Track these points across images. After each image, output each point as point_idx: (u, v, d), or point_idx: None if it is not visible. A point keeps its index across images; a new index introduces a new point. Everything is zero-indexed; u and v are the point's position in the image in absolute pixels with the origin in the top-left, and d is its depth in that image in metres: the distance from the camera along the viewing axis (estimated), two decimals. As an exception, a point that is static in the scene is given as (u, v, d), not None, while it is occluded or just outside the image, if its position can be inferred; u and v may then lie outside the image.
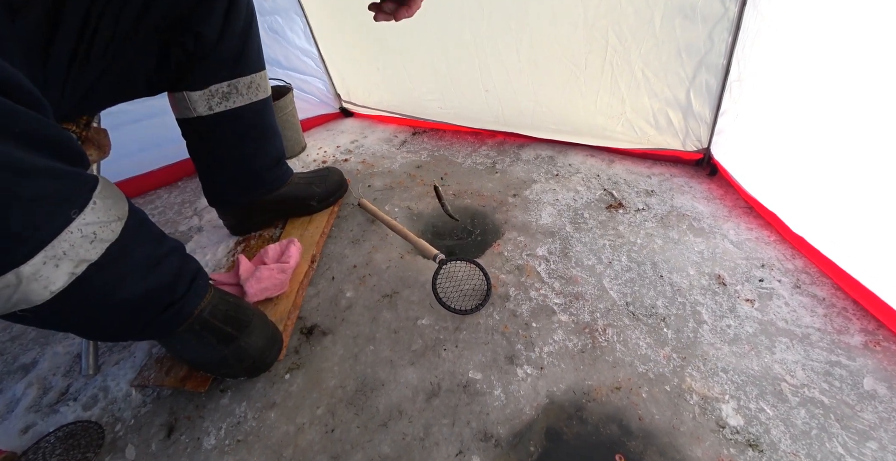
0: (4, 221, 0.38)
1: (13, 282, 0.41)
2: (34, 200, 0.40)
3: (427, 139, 1.33)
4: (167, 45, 0.66)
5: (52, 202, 0.42)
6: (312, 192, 0.97)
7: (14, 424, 0.68)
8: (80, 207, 0.45)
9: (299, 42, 1.30)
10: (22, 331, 0.87)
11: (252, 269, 0.76)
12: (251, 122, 0.82)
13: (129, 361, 0.75)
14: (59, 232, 0.43)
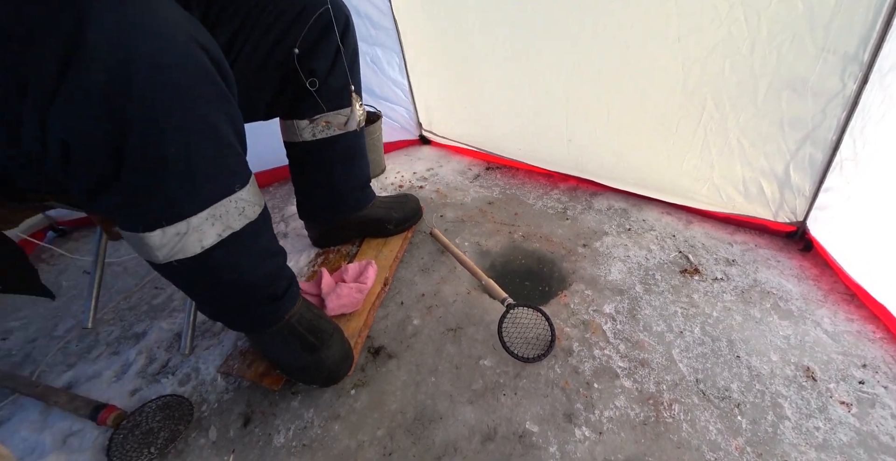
0: (196, 175, 0.48)
1: (183, 230, 0.50)
2: (221, 165, 0.50)
3: (500, 175, 1.38)
4: (285, 80, 0.77)
5: (229, 172, 0.52)
6: (390, 217, 1.04)
7: (125, 386, 0.79)
8: (242, 184, 0.55)
9: (393, 74, 1.42)
10: (138, 302, 1.01)
11: (333, 285, 0.83)
12: (346, 148, 0.91)
13: (217, 348, 0.84)
14: (224, 197, 0.52)
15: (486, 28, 1.08)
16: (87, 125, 0.40)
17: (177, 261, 0.52)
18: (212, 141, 0.49)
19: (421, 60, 1.36)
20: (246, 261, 0.59)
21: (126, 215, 0.49)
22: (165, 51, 0.41)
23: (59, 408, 0.75)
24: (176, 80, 0.42)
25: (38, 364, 0.88)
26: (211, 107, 0.47)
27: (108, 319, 0.97)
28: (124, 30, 0.38)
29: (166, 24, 0.41)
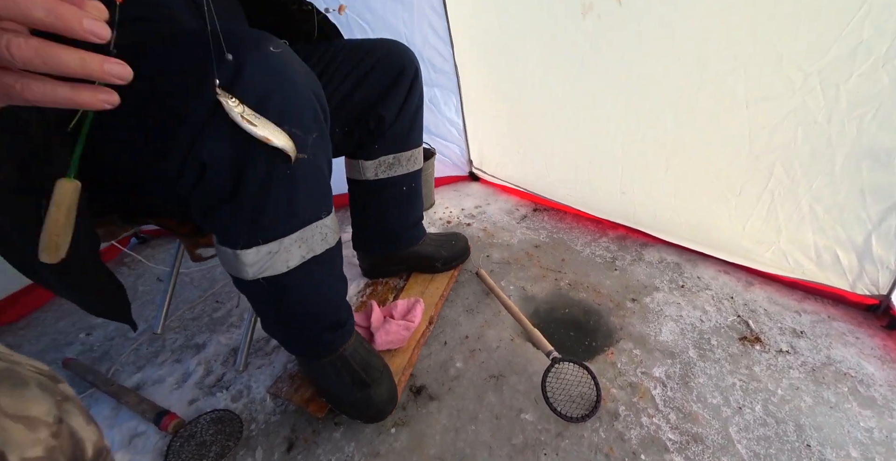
0: (296, 201, 0.54)
1: (275, 249, 0.56)
2: (315, 194, 0.57)
3: (547, 218, 1.39)
4: (355, 123, 0.84)
5: (320, 200, 0.59)
6: (439, 255, 1.07)
7: (185, 394, 0.85)
8: (327, 212, 0.61)
9: (449, 114, 1.50)
10: (200, 313, 1.09)
11: (382, 320, 0.87)
12: (404, 189, 0.97)
13: (268, 368, 0.89)
14: (313, 222, 0.58)
15: (546, 79, 1.13)
16: (225, 150, 0.47)
17: (263, 279, 0.58)
18: (315, 172, 0.56)
19: (477, 102, 1.43)
20: (320, 284, 0.64)
21: (230, 232, 0.55)
22: (291, 95, 0.49)
23: (129, 408, 0.82)
24: (295, 118, 0.50)
25: (113, 362, 0.97)
26: (316, 142, 0.54)
27: (173, 327, 1.06)
28: (267, 76, 0.46)
29: (294, 75, 0.49)
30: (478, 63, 1.29)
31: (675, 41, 0.84)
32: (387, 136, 0.87)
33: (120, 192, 0.61)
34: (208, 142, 0.47)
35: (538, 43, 1.07)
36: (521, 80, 1.19)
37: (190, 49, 0.47)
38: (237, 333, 1.00)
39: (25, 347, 1.07)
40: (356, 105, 0.82)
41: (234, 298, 1.12)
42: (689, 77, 0.86)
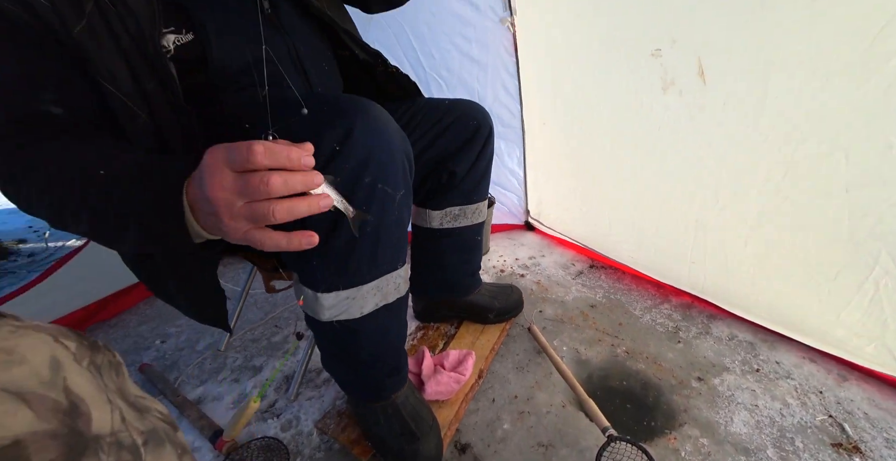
0: (379, 251, 0.58)
1: (353, 296, 0.59)
2: (397, 246, 0.61)
3: (605, 276, 1.35)
4: (428, 175, 0.90)
5: (399, 252, 0.62)
6: (493, 306, 1.07)
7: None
8: (402, 263, 0.64)
9: (511, 165, 1.55)
10: (260, 336, 1.16)
11: (433, 369, 0.87)
12: (467, 239, 1.00)
13: (318, 402, 0.91)
14: (390, 272, 0.61)
15: (619, 143, 1.14)
16: None
17: (337, 321, 0.62)
18: (398, 227, 0.60)
19: (542, 157, 1.47)
20: (387, 330, 0.67)
21: (314, 276, 0.59)
22: (387, 156, 0.54)
23: (189, 421, 0.87)
24: (388, 176, 0.55)
25: (180, 372, 1.04)
26: (402, 199, 0.58)
27: (235, 346, 1.13)
28: (370, 139, 0.52)
29: (392, 138, 0.55)
30: (547, 121, 1.35)
31: (765, 119, 0.83)
32: (456, 189, 0.92)
33: None
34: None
35: (613, 109, 1.10)
36: (593, 140, 1.21)
37: (312, 112, 0.54)
38: (292, 360, 1.05)
39: (114, 344, 1.17)
40: (431, 159, 0.89)
41: (292, 325, 1.18)
42: (778, 155, 0.83)
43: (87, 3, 0.46)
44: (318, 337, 0.70)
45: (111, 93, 0.48)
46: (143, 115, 0.52)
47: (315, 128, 0.51)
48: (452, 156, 0.89)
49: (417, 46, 1.28)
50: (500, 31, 1.26)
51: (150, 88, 0.51)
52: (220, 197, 0.36)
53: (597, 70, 1.09)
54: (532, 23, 1.20)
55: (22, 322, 0.22)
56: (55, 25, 0.45)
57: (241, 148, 0.34)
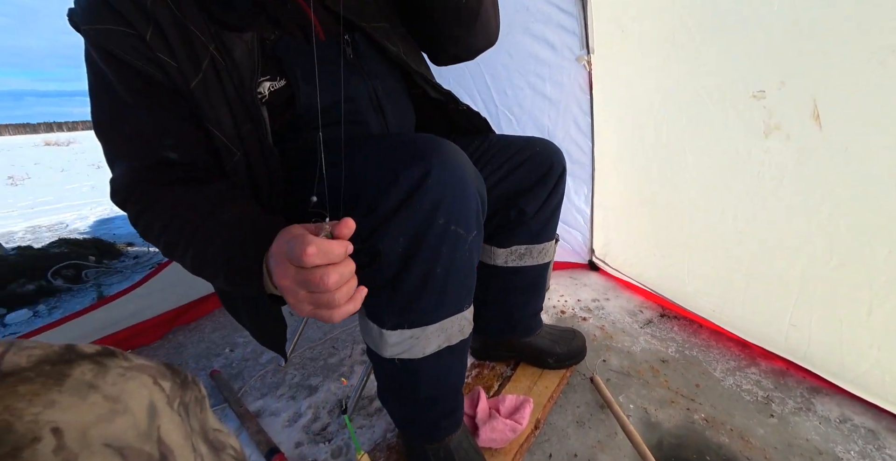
0: (447, 292, 0.57)
1: (417, 335, 0.59)
2: (464, 288, 0.60)
3: (677, 328, 1.23)
4: (496, 212, 0.88)
5: (466, 294, 0.62)
6: (553, 351, 1.02)
7: (293, 435, 0.91)
8: (468, 305, 0.63)
9: (578, 202, 1.51)
10: (318, 355, 1.20)
11: (488, 413, 0.83)
12: (530, 279, 0.96)
13: (369, 431, 0.90)
14: (456, 314, 0.61)
15: (707, 187, 1.07)
16: (399, 239, 0.53)
17: (398, 360, 0.62)
18: (467, 267, 0.59)
19: (612, 196, 1.42)
20: (447, 372, 0.66)
21: (380, 312, 0.60)
22: (462, 198, 0.54)
23: (248, 434, 0.91)
24: (462, 217, 0.55)
25: (244, 382, 1.10)
26: (474, 239, 0.58)
27: (294, 363, 1.18)
28: (446, 180, 0.53)
29: (468, 179, 0.55)
30: (623, 161, 1.30)
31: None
32: (524, 228, 0.91)
33: None
34: (388, 234, 0.53)
35: (702, 153, 1.04)
36: (675, 183, 1.14)
37: (388, 150, 0.57)
38: (346, 385, 1.06)
39: (189, 348, 1.28)
40: (501, 195, 0.88)
41: (349, 348, 1.21)
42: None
43: (204, 61, 0.55)
44: (378, 370, 0.70)
45: (216, 136, 0.57)
46: (239, 154, 0.59)
47: (391, 167, 0.52)
48: (523, 194, 0.88)
49: (491, 84, 1.33)
50: (575, 69, 1.27)
51: (246, 130, 0.59)
52: (284, 285, 0.41)
53: (684, 111, 1.04)
54: (611, 61, 1.19)
55: (130, 362, 0.23)
56: (178, 81, 0.54)
57: (297, 248, 0.38)
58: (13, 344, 0.19)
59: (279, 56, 0.62)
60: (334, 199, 0.58)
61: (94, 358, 0.21)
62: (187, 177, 0.57)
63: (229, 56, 0.56)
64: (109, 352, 0.22)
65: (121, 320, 1.25)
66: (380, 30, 0.71)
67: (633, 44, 1.10)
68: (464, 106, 0.86)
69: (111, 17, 0.52)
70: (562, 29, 1.20)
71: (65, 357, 0.20)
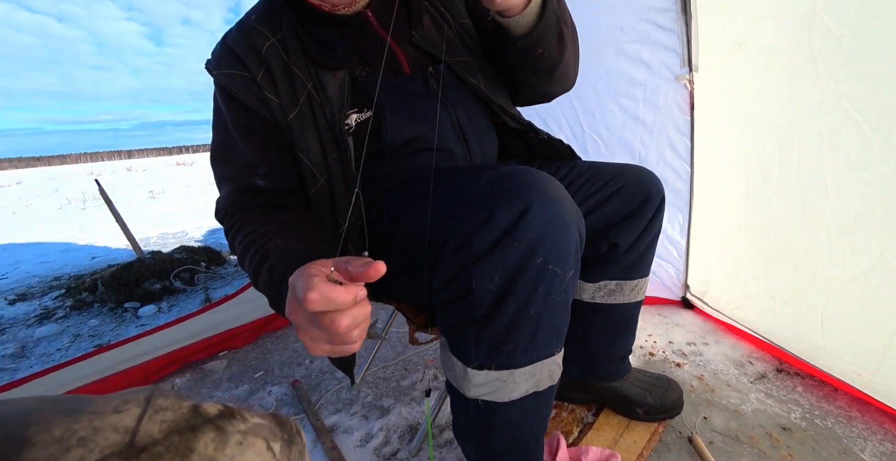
0: (539, 335, 0.54)
1: (505, 378, 0.55)
2: (558, 330, 0.56)
3: (801, 387, 1.02)
4: (586, 244, 0.81)
5: (559, 338, 0.58)
6: (644, 401, 0.90)
7: (364, 456, 0.91)
8: (559, 349, 0.59)
9: (671, 232, 1.36)
10: (391, 375, 1.21)
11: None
12: (619, 318, 0.87)
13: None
14: (546, 358, 0.56)
15: (847, 220, 0.89)
16: (494, 278, 0.51)
17: (482, 402, 0.59)
18: (562, 309, 0.55)
19: (714, 227, 1.26)
20: (531, 419, 0.61)
21: (468, 350, 0.57)
22: (561, 237, 0.51)
23: (323, 449, 0.93)
24: (560, 257, 0.51)
25: (321, 395, 1.14)
26: (570, 280, 0.54)
27: (367, 381, 1.20)
28: (546, 219, 0.50)
29: (569, 217, 0.52)
30: (732, 188, 1.15)
31: None
32: (616, 262, 0.84)
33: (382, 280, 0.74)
34: (482, 271, 0.51)
35: (848, 184, 0.87)
36: (808, 219, 0.97)
37: (484, 184, 0.54)
38: (417, 409, 1.05)
39: (275, 355, 1.39)
40: (591, 228, 0.82)
41: (421, 371, 1.21)
42: None
43: (301, 96, 0.63)
44: (456, 407, 0.67)
45: (304, 163, 0.65)
46: (323, 180, 0.66)
47: (488, 203, 0.50)
48: (615, 226, 0.81)
49: (578, 107, 1.28)
50: (673, 88, 1.17)
51: (332, 159, 0.65)
52: (296, 320, 0.42)
53: (825, 136, 0.89)
54: (720, 78, 1.08)
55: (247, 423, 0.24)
56: (278, 115, 0.63)
57: (300, 292, 0.37)
58: (151, 401, 0.21)
59: (367, 90, 0.68)
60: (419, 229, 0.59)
61: (216, 422, 0.22)
62: (270, 202, 0.65)
63: (324, 92, 0.64)
64: (229, 413, 0.23)
65: (222, 323, 1.40)
66: (462, 64, 0.73)
67: (752, 57, 0.98)
68: (544, 134, 0.84)
69: (234, 62, 0.64)
70: (660, 47, 1.12)
71: (191, 422, 0.21)
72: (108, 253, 3.10)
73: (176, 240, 3.29)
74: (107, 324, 1.79)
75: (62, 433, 0.18)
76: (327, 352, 0.41)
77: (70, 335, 1.72)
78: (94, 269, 2.51)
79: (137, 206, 5.54)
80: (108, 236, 3.57)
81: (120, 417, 0.19)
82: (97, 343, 1.62)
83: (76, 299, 2.00)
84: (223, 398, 1.17)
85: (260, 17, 0.67)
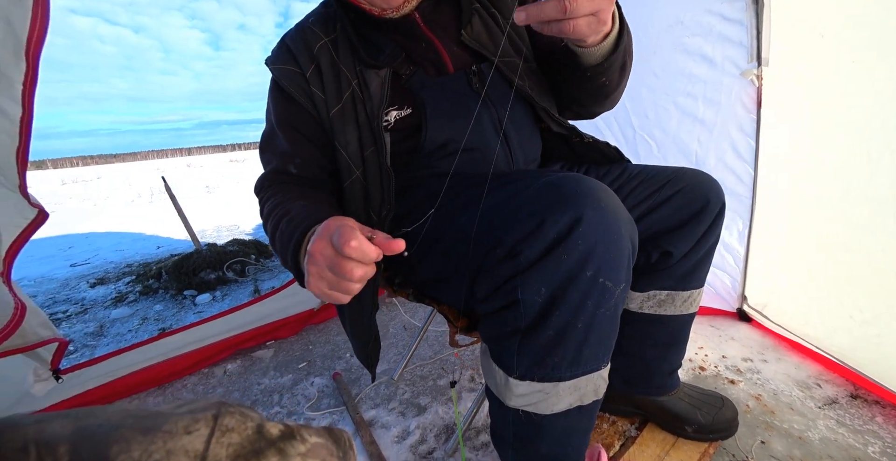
0: (586, 347, 0.52)
1: (548, 390, 0.54)
2: (605, 344, 0.54)
3: (881, 418, 0.92)
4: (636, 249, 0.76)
5: (605, 351, 0.55)
6: (694, 418, 0.85)
7: (401, 453, 0.93)
8: (607, 363, 0.56)
9: (729, 239, 1.27)
10: (428, 374, 1.22)
11: (611, 481, 0.73)
12: (670, 331, 0.82)
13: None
14: (592, 372, 0.55)
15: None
16: (542, 289, 0.49)
17: (523, 412, 0.58)
18: (611, 323, 0.53)
19: (779, 236, 1.16)
20: (573, 434, 0.59)
21: (511, 359, 0.56)
22: (613, 248, 0.49)
23: (362, 442, 0.96)
24: (612, 270, 0.49)
25: (361, 389, 1.18)
26: (621, 293, 0.51)
27: (405, 378, 1.22)
28: (598, 230, 0.48)
29: (621, 227, 0.49)
30: (804, 194, 1.05)
31: None
32: (668, 272, 0.79)
33: (426, 282, 0.75)
34: (529, 282, 0.50)
35: None
36: (885, 226, 0.88)
37: (535, 191, 0.53)
38: (453, 410, 1.06)
39: (318, 347, 1.45)
40: (641, 234, 0.78)
41: (458, 371, 1.21)
42: None
43: (346, 93, 0.66)
44: (495, 415, 0.67)
45: (342, 155, 0.68)
46: (358, 173, 0.69)
47: (537, 211, 0.49)
48: (668, 233, 0.77)
49: (630, 106, 1.22)
50: (739, 85, 1.08)
51: (369, 153, 0.68)
52: (316, 258, 0.46)
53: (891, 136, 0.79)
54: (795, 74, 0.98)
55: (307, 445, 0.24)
56: (322, 110, 0.67)
57: (343, 236, 0.43)
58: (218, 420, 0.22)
59: (411, 88, 0.70)
60: (465, 235, 0.58)
61: (279, 444, 0.23)
62: (302, 183, 0.71)
63: (367, 89, 0.67)
64: (290, 433, 0.24)
65: (270, 315, 1.48)
66: (508, 64, 0.72)
67: (835, 51, 0.89)
68: (589, 138, 0.81)
69: (287, 58, 0.69)
70: (725, 40, 1.04)
71: (256, 445, 0.22)
72: (171, 243, 3.38)
73: (229, 233, 3.52)
74: (169, 309, 1.95)
75: (140, 455, 0.19)
76: (325, 292, 0.47)
77: (139, 318, 1.89)
78: (160, 258, 2.75)
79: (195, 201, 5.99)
80: (171, 228, 3.89)
81: (190, 439, 0.20)
82: (161, 327, 1.77)
83: (144, 285, 2.20)
84: (269, 385, 1.24)
85: (316, 19, 0.72)
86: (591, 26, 0.47)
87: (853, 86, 0.88)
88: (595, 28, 0.47)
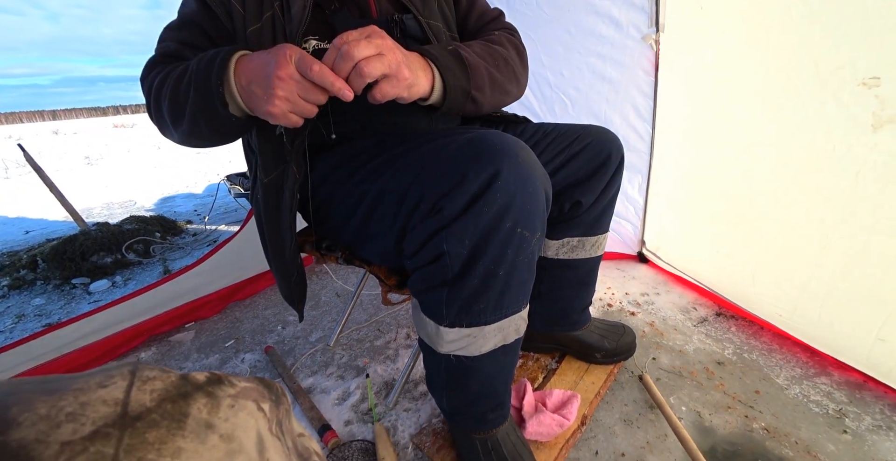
0: (507, 293, 0.56)
1: (475, 334, 0.59)
2: (524, 288, 0.60)
3: (735, 328, 1.16)
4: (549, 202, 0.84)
5: (525, 294, 0.61)
6: (602, 346, 0.99)
7: (342, 414, 0.95)
8: (525, 305, 0.62)
9: (631, 192, 1.43)
10: (364, 337, 1.24)
11: (534, 407, 0.83)
12: (581, 272, 0.93)
13: (414, 415, 0.93)
14: (514, 314, 0.60)
15: (790, 185, 0.96)
16: (465, 241, 0.52)
17: (454, 356, 0.62)
18: (529, 269, 0.58)
19: (669, 186, 1.33)
20: (500, 369, 0.65)
21: (439, 310, 0.59)
22: (529, 199, 0.52)
23: (301, 409, 0.96)
24: (528, 220, 0.53)
25: (296, 359, 1.16)
26: (537, 241, 0.56)
27: (342, 343, 1.22)
28: (516, 182, 0.51)
29: (536, 180, 0.53)
30: (687, 149, 1.21)
31: None
32: (578, 220, 0.87)
33: (354, 244, 0.74)
34: (453, 236, 0.52)
35: (787, 146, 0.93)
36: (750, 178, 1.04)
37: (455, 148, 0.54)
38: (392, 367, 1.09)
39: (245, 323, 1.37)
40: (555, 186, 0.84)
41: (393, 331, 1.24)
42: None
43: (267, 13, 0.63)
44: (429, 363, 0.71)
45: None
46: None
47: (460, 166, 0.50)
48: (578, 185, 0.84)
49: (548, 63, 1.26)
50: (640, 49, 1.17)
51: None
52: (284, 83, 0.49)
53: (769, 100, 0.94)
54: (684, 40, 1.08)
55: (235, 387, 0.24)
56: (238, 25, 0.63)
57: (308, 62, 0.49)
58: (136, 374, 0.20)
59: (333, 24, 0.67)
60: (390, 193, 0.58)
61: (206, 388, 0.22)
62: None
63: (288, 13, 0.64)
64: (216, 378, 0.23)
65: (185, 294, 1.35)
66: (432, 26, 0.71)
67: (713, 20, 0.99)
68: (498, 113, 0.86)
69: None
70: (629, 5, 1.10)
71: (182, 389, 0.21)
72: (45, 226, 2.84)
73: (124, 211, 3.06)
74: (54, 302, 1.68)
75: (48, 410, 0.17)
76: (285, 114, 0.52)
77: (12, 316, 1.60)
78: (31, 245, 2.31)
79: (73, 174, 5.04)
80: (41, 208, 3.26)
81: (107, 391, 0.19)
82: (45, 323, 1.53)
83: (14, 278, 1.85)
84: (193, 368, 1.16)
85: None
86: (394, 85, 0.53)
87: (726, 51, 1.00)
88: (397, 86, 0.54)
